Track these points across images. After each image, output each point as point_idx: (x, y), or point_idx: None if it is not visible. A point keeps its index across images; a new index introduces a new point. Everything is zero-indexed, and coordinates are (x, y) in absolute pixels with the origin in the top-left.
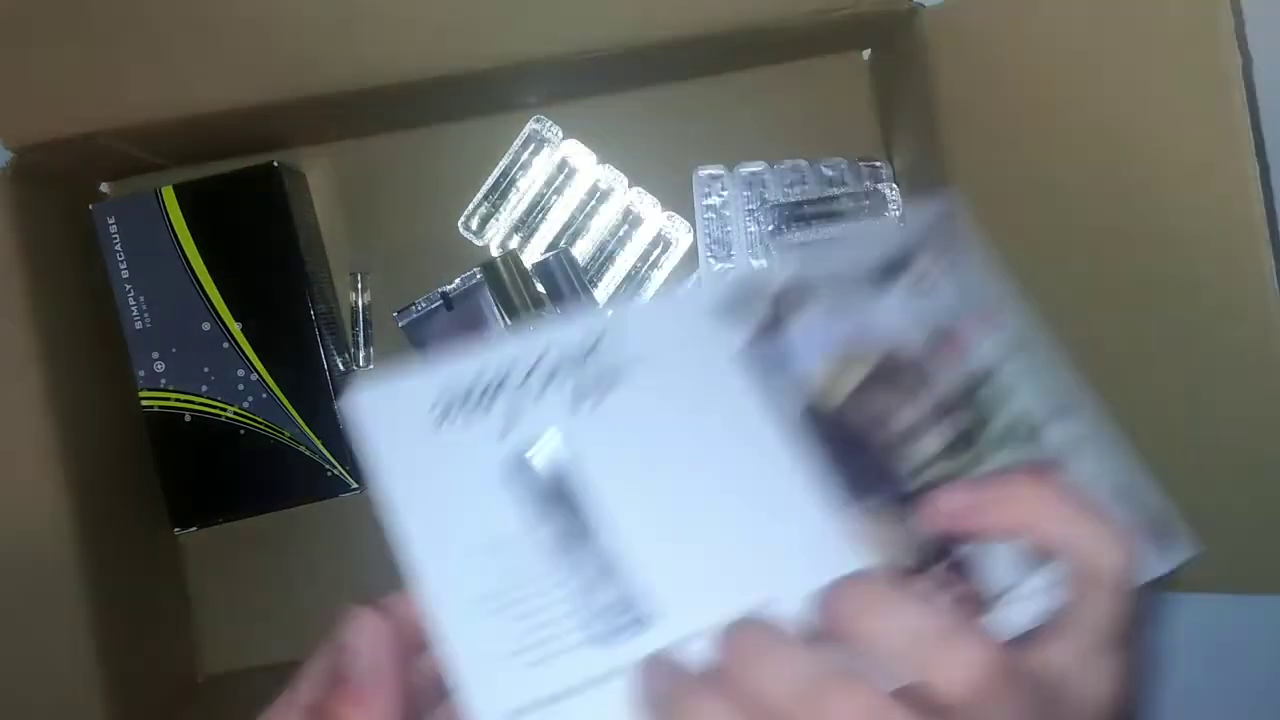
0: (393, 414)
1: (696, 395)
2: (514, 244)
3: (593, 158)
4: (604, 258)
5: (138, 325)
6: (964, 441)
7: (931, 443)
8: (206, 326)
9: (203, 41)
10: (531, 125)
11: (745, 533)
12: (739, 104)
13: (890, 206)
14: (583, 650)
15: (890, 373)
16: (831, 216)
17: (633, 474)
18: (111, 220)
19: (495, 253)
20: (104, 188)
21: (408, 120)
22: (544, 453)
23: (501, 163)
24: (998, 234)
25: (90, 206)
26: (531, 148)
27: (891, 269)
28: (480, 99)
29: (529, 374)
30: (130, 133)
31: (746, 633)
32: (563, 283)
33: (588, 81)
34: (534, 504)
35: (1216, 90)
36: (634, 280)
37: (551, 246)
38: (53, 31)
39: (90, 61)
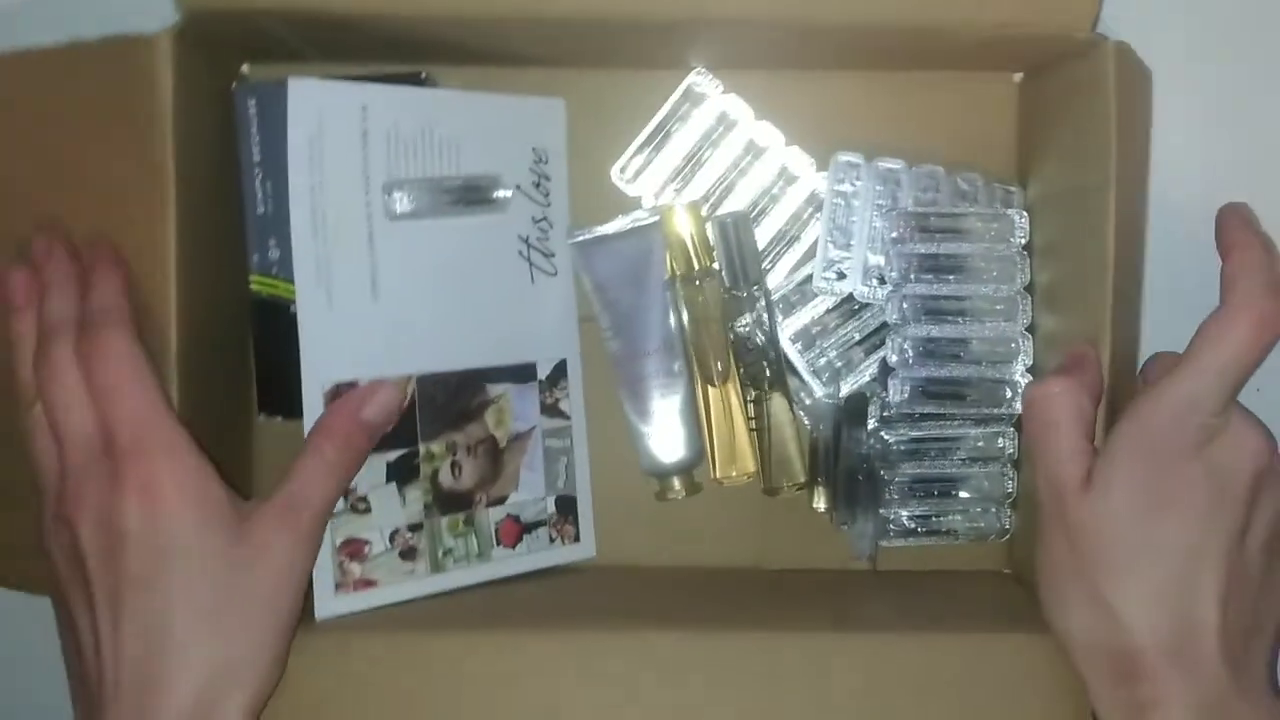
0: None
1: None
2: (667, 195)
3: (750, 113)
4: (755, 213)
5: (260, 210)
6: None
7: None
8: None
9: None
10: (693, 78)
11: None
12: (885, 101)
13: (1017, 233)
14: None
15: None
16: (957, 234)
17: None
18: (252, 102)
19: (648, 203)
20: (245, 69)
21: (563, 58)
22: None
23: (660, 113)
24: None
25: (233, 85)
26: (691, 100)
27: None
28: (639, 52)
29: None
30: (297, 16)
31: None
32: (732, 244)
33: (745, 53)
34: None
35: None
36: (783, 239)
37: (705, 199)
38: None
39: None
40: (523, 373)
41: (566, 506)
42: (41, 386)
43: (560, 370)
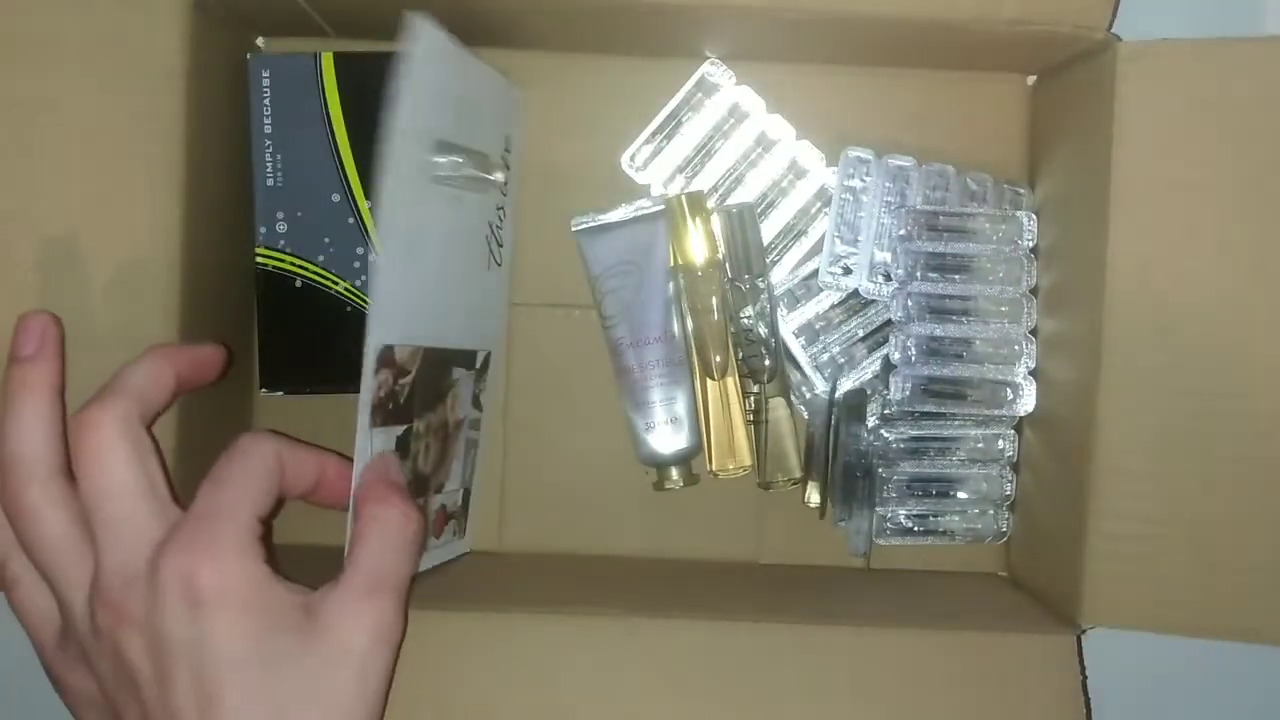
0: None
1: None
2: (676, 185)
3: (763, 105)
4: (764, 206)
5: (269, 182)
6: None
7: None
8: (337, 198)
9: None
10: (706, 68)
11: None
12: (897, 99)
13: (1025, 235)
14: None
15: None
16: (964, 233)
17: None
18: (266, 74)
19: (657, 191)
20: (260, 42)
21: (576, 43)
22: None
23: (672, 102)
24: (1146, 276)
25: (248, 56)
26: (703, 90)
27: None
28: (653, 39)
29: None
30: None
31: None
32: (737, 236)
33: (759, 44)
34: None
35: None
36: (791, 233)
37: (714, 190)
38: None
39: None
40: (470, 359)
41: (466, 499)
42: (83, 475)
43: (487, 362)
